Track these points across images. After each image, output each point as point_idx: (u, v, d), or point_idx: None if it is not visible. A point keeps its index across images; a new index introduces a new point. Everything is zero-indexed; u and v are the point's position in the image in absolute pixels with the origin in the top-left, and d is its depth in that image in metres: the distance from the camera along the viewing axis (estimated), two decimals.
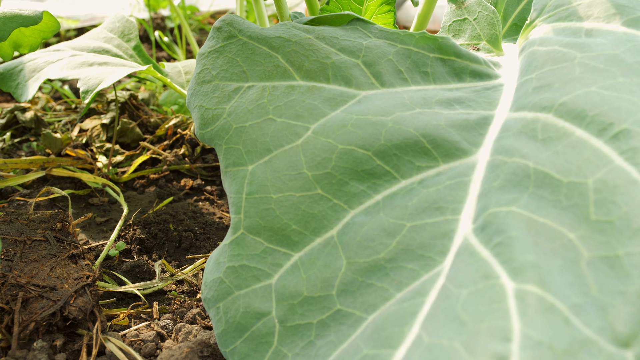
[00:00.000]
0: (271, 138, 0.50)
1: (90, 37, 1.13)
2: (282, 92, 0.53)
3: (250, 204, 0.48)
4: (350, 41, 0.58)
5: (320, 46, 0.56)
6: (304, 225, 0.47)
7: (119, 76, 0.96)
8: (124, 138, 1.24)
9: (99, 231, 1.00)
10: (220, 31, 0.56)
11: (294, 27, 0.58)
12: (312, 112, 0.52)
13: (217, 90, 0.54)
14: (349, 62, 0.56)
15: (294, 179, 0.48)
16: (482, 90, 0.57)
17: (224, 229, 0.99)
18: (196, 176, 1.17)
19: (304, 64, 0.55)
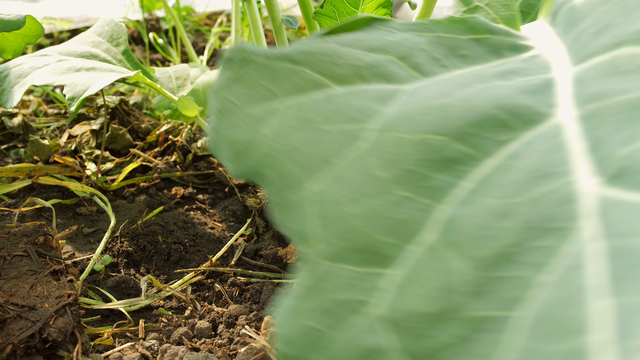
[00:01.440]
0: (330, 149, 0.45)
1: (79, 41, 1.10)
2: (322, 102, 0.48)
3: (325, 228, 0.41)
4: (376, 40, 0.54)
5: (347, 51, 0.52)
6: (395, 235, 0.41)
7: (106, 82, 0.93)
8: (114, 144, 1.20)
9: (85, 242, 0.96)
10: (232, 61, 0.50)
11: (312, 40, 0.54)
12: (366, 112, 0.47)
13: (247, 118, 0.48)
14: (383, 60, 0.52)
15: (370, 185, 0.43)
16: (529, 59, 0.54)
17: (214, 240, 0.96)
18: (188, 184, 1.14)
19: (336, 71, 0.51)
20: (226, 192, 1.12)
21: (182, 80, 1.07)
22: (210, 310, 0.79)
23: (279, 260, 0.90)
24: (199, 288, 0.86)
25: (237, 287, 0.85)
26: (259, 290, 0.83)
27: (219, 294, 0.83)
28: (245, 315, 0.76)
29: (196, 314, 0.78)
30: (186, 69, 1.08)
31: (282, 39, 0.85)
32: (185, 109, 0.99)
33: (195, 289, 0.86)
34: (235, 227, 1.02)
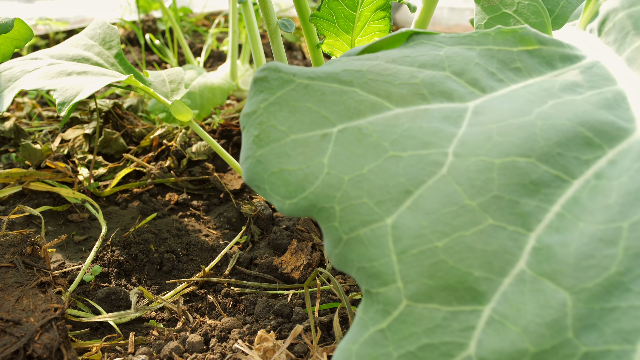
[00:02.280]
0: (406, 177, 0.40)
1: (70, 44, 1.07)
2: (384, 125, 0.43)
3: (408, 266, 0.37)
4: (426, 55, 0.50)
5: (397, 68, 0.48)
6: (488, 268, 0.37)
7: (97, 87, 0.90)
8: (107, 149, 1.18)
9: (76, 250, 0.94)
10: (267, 81, 0.45)
11: (352, 59, 0.49)
12: (440, 135, 0.43)
13: (297, 146, 0.41)
14: (438, 76, 0.48)
15: (458, 215, 0.39)
16: (586, 69, 0.51)
17: (208, 249, 0.94)
18: (182, 190, 1.11)
19: (392, 90, 0.46)
20: (221, 198, 1.10)
21: (176, 84, 1.04)
22: (202, 322, 0.76)
23: (274, 270, 0.88)
24: (191, 299, 0.84)
25: (231, 297, 0.83)
26: (253, 301, 0.81)
27: (211, 305, 0.81)
28: (238, 329, 0.73)
29: (188, 327, 0.75)
30: (180, 73, 1.05)
31: (277, 43, 0.83)
32: (179, 113, 0.97)
33: (187, 300, 0.83)
34: (230, 234, 1.00)
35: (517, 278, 0.36)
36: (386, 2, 0.86)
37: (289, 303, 0.78)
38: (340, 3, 0.86)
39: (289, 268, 0.86)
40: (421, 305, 0.36)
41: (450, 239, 0.37)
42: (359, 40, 0.91)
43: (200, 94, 1.53)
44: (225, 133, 1.17)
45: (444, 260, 0.37)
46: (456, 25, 2.52)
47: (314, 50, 0.91)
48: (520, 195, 0.40)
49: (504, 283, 0.36)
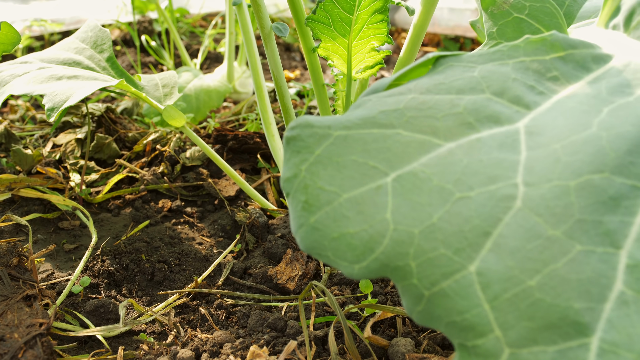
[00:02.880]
0: (480, 218, 0.37)
1: (61, 47, 1.05)
2: (441, 164, 0.40)
3: (503, 312, 0.35)
4: (460, 79, 0.46)
5: (435, 99, 0.44)
6: (587, 297, 0.36)
7: (87, 92, 0.88)
8: (99, 154, 1.16)
9: (66, 260, 0.92)
10: (301, 139, 0.41)
11: (384, 96, 0.46)
12: (503, 166, 0.40)
13: (356, 205, 0.38)
14: (480, 100, 0.44)
15: (545, 248, 0.37)
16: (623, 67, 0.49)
17: (201, 259, 0.91)
18: (175, 196, 1.09)
19: (436, 125, 0.43)
20: (216, 205, 1.08)
21: (169, 88, 1.02)
22: (194, 336, 0.74)
23: (268, 280, 0.85)
24: (183, 310, 0.81)
25: (224, 309, 0.80)
26: (247, 313, 0.78)
27: (204, 317, 0.79)
28: (230, 343, 0.71)
29: (179, 341, 0.73)
30: (173, 76, 1.03)
31: (271, 47, 0.80)
32: (171, 118, 0.95)
33: (179, 312, 0.81)
34: (224, 242, 0.98)
35: (619, 301, 0.34)
36: (384, 5, 0.84)
37: (283, 316, 0.76)
38: (337, 6, 0.83)
39: (283, 278, 0.84)
40: (525, 350, 0.34)
41: (543, 274, 0.35)
42: (355, 44, 0.88)
43: (196, 97, 1.50)
44: (220, 138, 1.14)
45: (541, 298, 0.35)
46: (456, 25, 2.50)
47: (310, 54, 0.88)
48: (602, 213, 0.37)
49: (606, 309, 0.35)
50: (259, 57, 1.04)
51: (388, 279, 0.87)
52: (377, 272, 0.36)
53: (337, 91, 0.95)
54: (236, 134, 1.13)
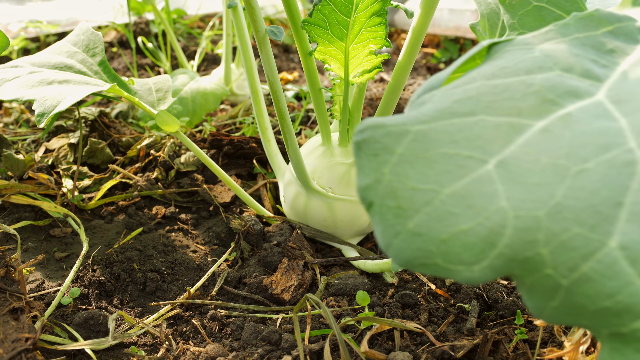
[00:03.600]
0: (607, 188, 0.34)
1: (53, 51, 1.03)
2: (543, 142, 0.37)
3: None
4: (524, 61, 0.44)
5: (506, 82, 0.41)
6: None
7: (78, 97, 0.86)
8: (93, 159, 1.13)
9: (57, 268, 0.90)
10: (375, 141, 0.36)
11: (446, 89, 0.42)
12: (610, 134, 0.38)
13: (462, 198, 0.34)
14: (552, 77, 0.42)
15: None
16: None
17: (194, 268, 0.89)
18: (170, 203, 1.07)
19: (519, 105, 0.39)
20: (210, 211, 1.05)
21: (163, 92, 1.00)
22: (186, 349, 0.72)
23: (263, 290, 0.83)
24: (176, 322, 0.79)
25: (217, 321, 0.78)
26: (241, 325, 0.76)
27: (197, 329, 0.77)
28: (223, 357, 0.69)
29: (170, 354, 0.71)
30: (167, 80, 1.01)
31: (266, 51, 0.78)
32: (165, 124, 0.93)
33: (172, 323, 0.79)
34: (219, 250, 0.96)
35: None
36: (382, 8, 0.82)
37: (278, 329, 0.74)
38: (334, 9, 0.81)
39: (279, 289, 0.82)
40: None
41: None
42: (353, 47, 0.86)
43: (193, 100, 1.48)
44: (216, 143, 1.12)
45: None
46: (456, 26, 2.47)
47: (306, 58, 0.86)
48: None
49: None
50: (254, 60, 1.01)
51: (385, 288, 0.85)
52: (502, 270, 0.32)
53: (335, 95, 0.93)
54: (232, 138, 1.11)
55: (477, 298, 0.81)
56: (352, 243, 0.95)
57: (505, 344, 0.71)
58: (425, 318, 0.77)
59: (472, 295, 0.81)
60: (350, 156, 0.93)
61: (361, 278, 0.84)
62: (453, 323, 0.77)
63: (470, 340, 0.71)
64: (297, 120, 1.40)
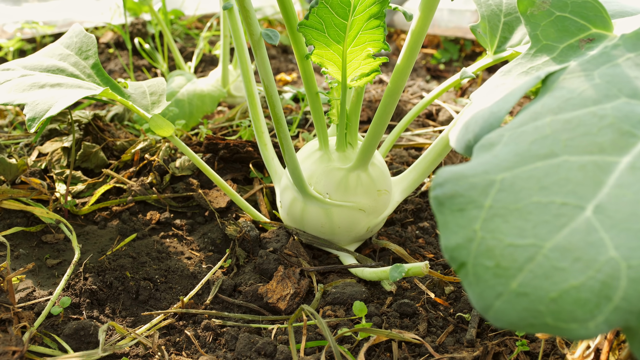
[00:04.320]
0: None
1: (45, 53, 1.01)
2: (636, 180, 0.35)
3: None
4: (587, 90, 0.41)
5: (575, 115, 0.38)
6: None
7: (70, 101, 0.84)
8: (86, 163, 1.12)
9: (49, 276, 0.88)
10: (459, 195, 0.35)
11: (514, 127, 0.38)
12: None
13: (566, 250, 0.32)
14: (621, 106, 0.38)
15: None
16: None
17: (188, 276, 0.87)
18: (164, 208, 1.05)
19: (598, 141, 0.37)
20: (206, 217, 1.04)
21: (157, 95, 0.98)
22: None
23: (259, 299, 0.81)
24: (169, 331, 0.77)
25: (211, 331, 0.76)
26: (235, 336, 0.74)
27: (190, 339, 0.75)
28: None
29: None
30: (162, 83, 0.99)
31: (261, 55, 0.76)
32: (159, 128, 0.91)
33: (165, 333, 0.77)
34: (214, 257, 0.94)
35: None
36: (380, 10, 0.80)
37: (273, 340, 0.72)
38: (331, 11, 0.79)
39: (274, 297, 0.80)
40: None
41: None
42: (350, 50, 0.84)
43: (189, 102, 1.46)
44: (211, 146, 1.10)
45: None
46: (456, 27, 2.45)
47: (303, 62, 0.84)
48: None
49: None
50: (251, 63, 1.00)
51: (384, 297, 0.83)
52: (618, 323, 0.30)
53: (332, 100, 0.91)
54: (227, 142, 1.09)
55: None
56: (349, 250, 0.94)
57: (506, 356, 0.69)
58: (424, 328, 0.75)
59: (472, 305, 0.79)
60: (347, 161, 0.91)
61: (359, 286, 0.83)
62: (452, 333, 0.76)
63: (470, 352, 0.69)
64: (295, 123, 1.38)
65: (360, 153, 0.87)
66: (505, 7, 1.05)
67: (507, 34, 1.03)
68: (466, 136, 0.40)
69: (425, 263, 0.73)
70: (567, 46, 0.52)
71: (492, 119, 0.40)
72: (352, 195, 0.89)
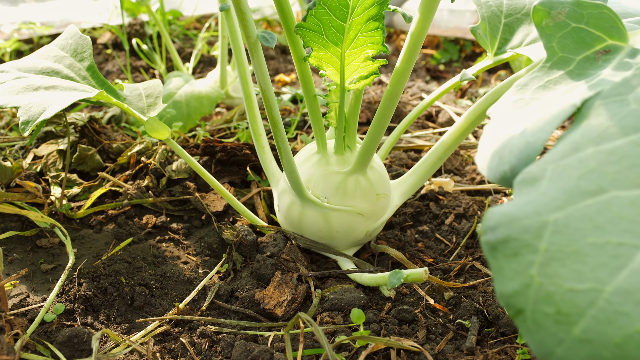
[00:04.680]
0: None
1: (40, 55, 1.00)
2: None
3: None
4: (626, 117, 0.40)
5: (617, 145, 0.38)
6: None
7: (64, 104, 0.83)
8: (82, 166, 1.10)
9: (43, 281, 0.87)
10: (513, 239, 0.34)
11: (556, 160, 0.38)
12: None
13: (629, 294, 0.31)
14: None
15: None
16: None
17: (184, 282, 0.86)
18: (161, 211, 1.04)
19: None
20: (203, 220, 1.02)
21: (154, 98, 0.97)
22: None
23: (256, 305, 0.80)
24: (164, 338, 0.76)
25: (207, 337, 0.75)
26: (231, 343, 0.73)
27: (185, 347, 0.74)
28: None
29: None
30: (158, 86, 0.98)
31: (258, 58, 0.75)
32: (154, 131, 0.90)
33: (160, 340, 0.76)
34: (211, 261, 0.93)
35: None
36: (379, 12, 0.79)
37: (269, 347, 0.71)
38: (329, 13, 0.78)
39: (271, 304, 0.79)
40: None
41: None
42: (349, 53, 0.83)
43: (187, 104, 1.45)
44: (208, 149, 1.09)
45: None
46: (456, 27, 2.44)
47: (300, 64, 0.83)
48: None
49: None
50: (248, 65, 0.98)
51: (382, 303, 0.82)
52: None
53: (330, 102, 0.90)
54: (224, 145, 1.08)
55: (477, 314, 0.78)
56: (348, 254, 0.93)
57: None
58: (423, 335, 0.74)
59: (472, 311, 0.78)
60: (346, 165, 0.90)
61: (357, 292, 0.81)
62: (452, 340, 0.74)
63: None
64: (293, 125, 1.37)
65: (359, 156, 0.86)
66: (506, 8, 1.04)
67: (507, 36, 1.02)
68: (501, 167, 0.39)
69: (425, 269, 0.72)
70: (583, 58, 0.51)
71: (529, 150, 0.39)
72: (350, 199, 0.88)
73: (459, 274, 0.91)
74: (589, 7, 0.53)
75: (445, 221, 1.06)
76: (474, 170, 1.28)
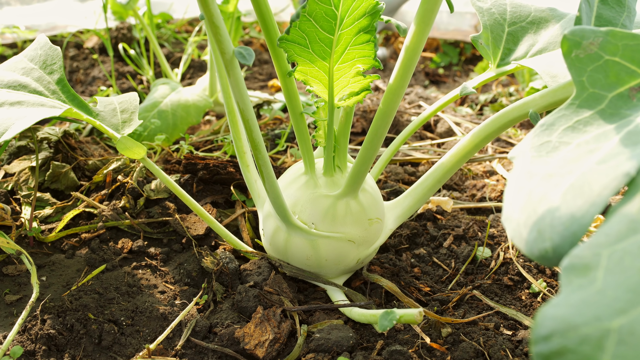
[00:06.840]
0: None
1: (7, 67, 0.93)
2: None
3: None
4: None
5: None
6: None
7: (29, 122, 0.76)
8: (56, 184, 1.03)
9: (7, 314, 0.80)
10: (570, 352, 0.30)
11: (615, 242, 0.32)
12: None
13: None
14: None
15: None
16: None
17: (158, 318, 0.79)
18: (138, 234, 0.97)
19: None
20: (183, 244, 0.95)
21: (129, 113, 0.90)
22: None
23: (235, 343, 0.73)
24: None
25: None
26: None
27: None
28: None
29: None
30: (134, 99, 0.91)
31: (235, 76, 0.68)
32: (127, 149, 0.83)
33: None
34: (190, 291, 0.86)
35: None
36: (370, 24, 0.72)
37: None
38: (314, 25, 0.71)
39: (252, 343, 0.72)
40: None
41: None
42: (338, 67, 0.76)
43: (173, 113, 1.38)
44: (190, 167, 1.02)
45: None
46: (456, 30, 2.37)
47: (285, 79, 0.76)
48: None
49: None
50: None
51: (374, 340, 0.76)
52: None
53: (318, 120, 0.83)
54: (207, 162, 1.01)
55: (478, 356, 0.71)
56: (337, 283, 0.86)
57: None
58: None
59: (471, 353, 0.71)
60: (335, 187, 0.83)
61: (345, 330, 0.74)
62: None
63: None
64: (284, 137, 1.30)
65: (350, 179, 0.79)
66: (510, 16, 0.96)
67: (511, 46, 0.95)
68: (541, 244, 0.33)
69: (419, 311, 0.65)
70: (616, 95, 0.44)
71: (574, 227, 0.32)
72: (340, 225, 0.81)
73: (458, 304, 0.84)
74: (625, 38, 0.46)
75: (443, 243, 1.00)
76: (474, 185, 1.21)
